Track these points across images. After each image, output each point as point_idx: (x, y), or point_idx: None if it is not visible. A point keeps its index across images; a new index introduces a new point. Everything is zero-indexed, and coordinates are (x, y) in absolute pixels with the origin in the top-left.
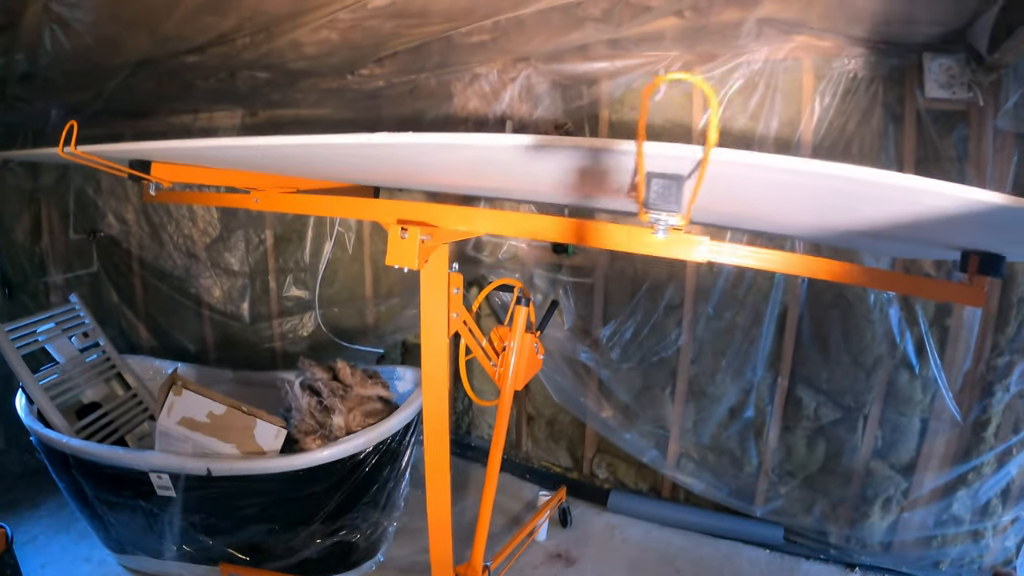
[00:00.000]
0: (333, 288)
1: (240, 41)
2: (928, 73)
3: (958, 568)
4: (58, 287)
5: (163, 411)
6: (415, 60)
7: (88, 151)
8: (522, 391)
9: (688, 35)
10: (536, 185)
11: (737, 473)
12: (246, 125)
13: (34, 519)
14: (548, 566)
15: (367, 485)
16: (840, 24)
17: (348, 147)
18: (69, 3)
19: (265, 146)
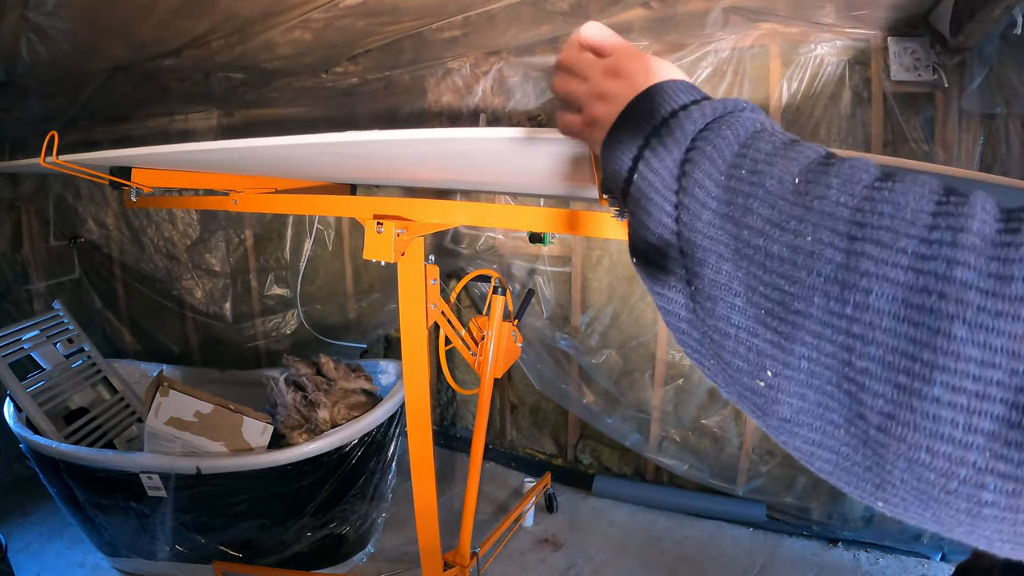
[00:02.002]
0: (314, 285)
1: (215, 43)
2: (893, 56)
3: (938, 540)
4: (41, 294)
5: (151, 412)
6: (388, 57)
7: (69, 160)
8: (504, 380)
9: (655, 25)
10: (510, 177)
11: (718, 454)
12: (222, 126)
13: (26, 527)
14: (536, 551)
15: (354, 477)
16: (806, 10)
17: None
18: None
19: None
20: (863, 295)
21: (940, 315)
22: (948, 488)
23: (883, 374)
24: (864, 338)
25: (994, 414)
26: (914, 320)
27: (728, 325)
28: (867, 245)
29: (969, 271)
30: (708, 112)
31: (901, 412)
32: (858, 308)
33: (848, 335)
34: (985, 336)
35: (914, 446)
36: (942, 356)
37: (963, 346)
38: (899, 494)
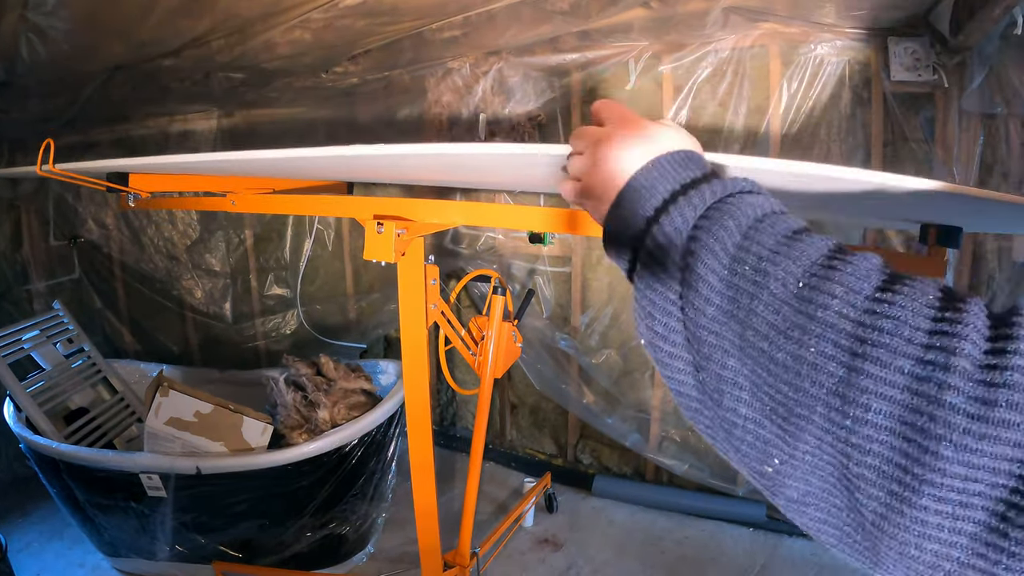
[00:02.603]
0: (314, 285)
1: (215, 43)
2: (893, 57)
3: None
4: (41, 294)
5: (151, 412)
6: (388, 57)
7: (66, 168)
8: (504, 380)
9: (656, 25)
10: (511, 178)
11: (718, 454)
12: (222, 126)
13: (26, 527)
14: (536, 551)
15: (354, 477)
16: (806, 10)
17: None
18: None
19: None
20: (862, 411)
21: (929, 435)
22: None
23: (878, 481)
24: (861, 448)
25: (976, 519)
26: (907, 436)
27: (735, 416)
28: (867, 363)
29: (958, 395)
30: (708, 197)
31: (892, 515)
32: (857, 422)
33: (847, 444)
34: (969, 456)
35: (904, 543)
36: (930, 472)
37: (949, 464)
38: (893, 573)
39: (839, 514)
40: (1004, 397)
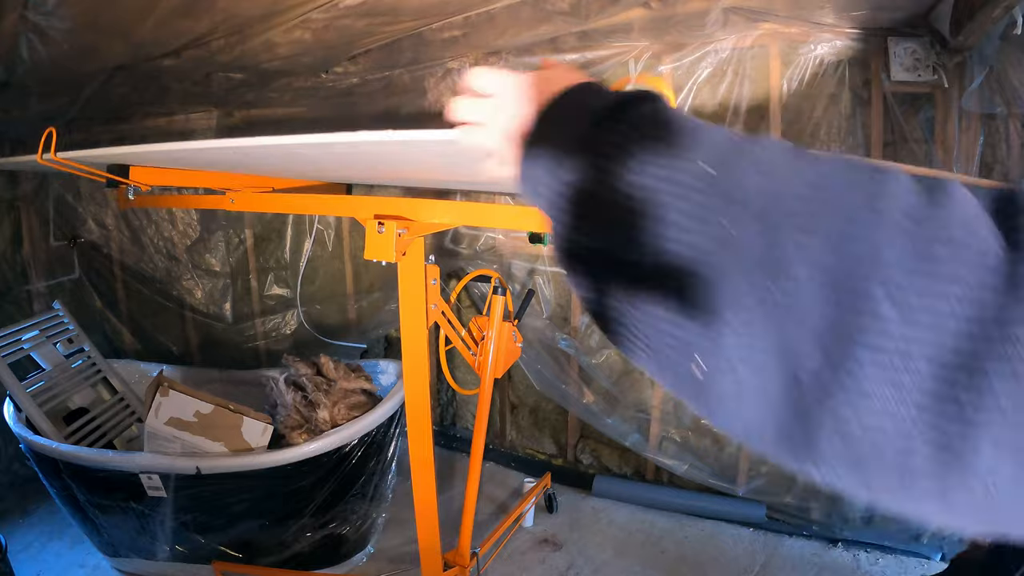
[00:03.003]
0: (315, 286)
1: (214, 43)
2: (893, 57)
3: (939, 540)
4: (41, 294)
5: (150, 412)
6: (388, 57)
7: (67, 157)
8: (504, 380)
9: (656, 25)
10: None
11: (718, 454)
12: (222, 126)
13: (26, 527)
14: (536, 551)
15: (354, 477)
16: (806, 10)
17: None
18: (45, 12)
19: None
20: (789, 268)
21: (865, 295)
22: (879, 452)
23: (814, 352)
24: (797, 320)
25: (919, 371)
26: (841, 301)
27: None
28: (792, 232)
29: (893, 251)
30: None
31: (833, 387)
32: (791, 279)
33: (778, 310)
34: (909, 312)
35: (844, 419)
36: (870, 334)
37: (889, 324)
38: (834, 465)
39: (776, 405)
40: (940, 247)
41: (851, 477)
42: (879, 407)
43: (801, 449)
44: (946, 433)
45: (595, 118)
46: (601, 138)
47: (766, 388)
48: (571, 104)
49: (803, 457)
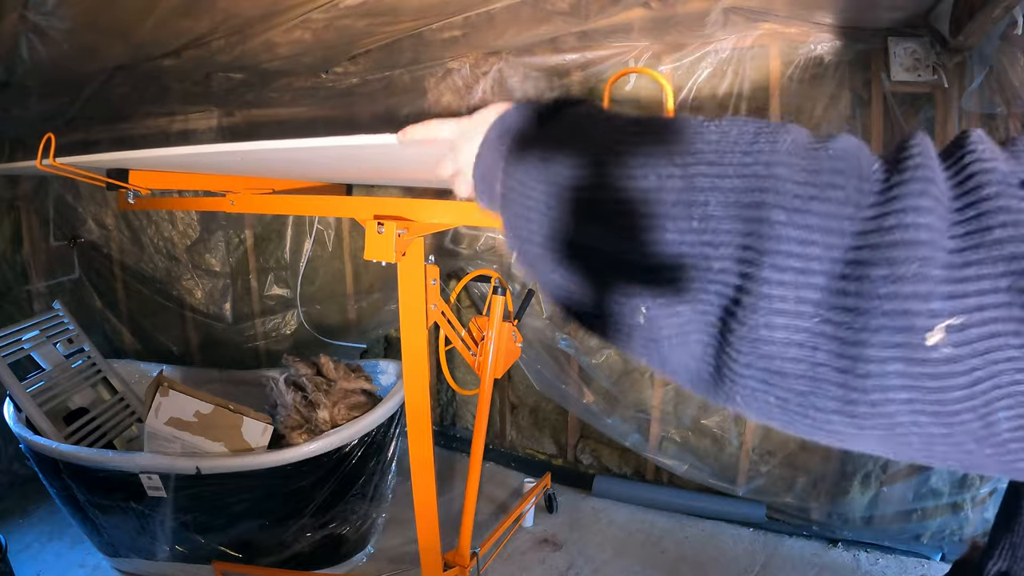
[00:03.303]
0: (315, 286)
1: (215, 44)
2: (893, 57)
3: (939, 540)
4: (41, 294)
5: (151, 412)
6: (388, 57)
7: (66, 163)
8: (504, 380)
9: (656, 25)
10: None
11: (718, 454)
12: (222, 126)
13: (26, 527)
14: (536, 551)
15: (354, 477)
16: (806, 10)
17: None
18: (45, 12)
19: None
20: (703, 208)
21: (764, 205)
22: (785, 357)
23: (729, 266)
24: (711, 247)
25: (817, 285)
26: (746, 219)
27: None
28: (701, 168)
29: (783, 167)
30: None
31: (744, 298)
32: (703, 219)
33: (698, 245)
34: (802, 217)
35: (754, 326)
36: (768, 241)
37: (783, 229)
38: (748, 382)
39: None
40: (828, 164)
41: (767, 395)
42: (788, 323)
43: (718, 388)
44: (844, 341)
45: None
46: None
47: (700, 320)
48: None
49: (725, 381)
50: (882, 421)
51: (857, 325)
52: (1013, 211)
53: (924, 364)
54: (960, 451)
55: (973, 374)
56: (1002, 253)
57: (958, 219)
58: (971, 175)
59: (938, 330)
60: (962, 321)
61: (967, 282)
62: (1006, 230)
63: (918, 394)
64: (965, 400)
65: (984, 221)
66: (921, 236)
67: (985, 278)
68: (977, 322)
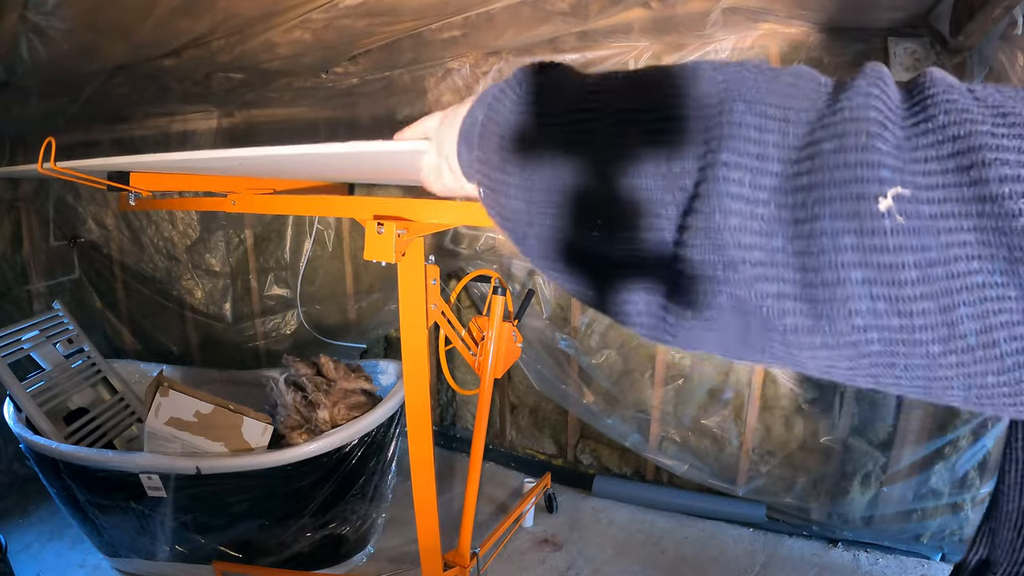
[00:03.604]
0: (315, 286)
1: (215, 44)
2: (894, 57)
3: (939, 540)
4: (41, 294)
5: (150, 412)
6: (388, 57)
7: (68, 167)
8: (504, 381)
9: (656, 25)
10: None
11: (718, 454)
12: (223, 126)
13: (26, 527)
14: (536, 551)
15: (354, 477)
16: (806, 10)
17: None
18: (45, 12)
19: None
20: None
21: (727, 100)
22: (740, 244)
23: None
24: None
25: (773, 172)
26: (706, 115)
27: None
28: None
29: (743, 71)
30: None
31: (701, 187)
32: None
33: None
34: (760, 106)
35: (708, 214)
36: (728, 127)
37: (743, 116)
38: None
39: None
40: (787, 70)
41: (719, 295)
42: (743, 208)
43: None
44: (798, 221)
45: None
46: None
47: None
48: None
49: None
50: (840, 308)
51: (810, 200)
52: (958, 103)
53: (875, 235)
54: (923, 355)
55: (928, 253)
56: (947, 134)
57: (907, 115)
58: (921, 83)
59: (888, 197)
60: (911, 193)
61: (916, 162)
62: (949, 115)
63: (872, 271)
64: (920, 283)
65: (930, 111)
66: (870, 114)
67: (933, 159)
68: (927, 198)
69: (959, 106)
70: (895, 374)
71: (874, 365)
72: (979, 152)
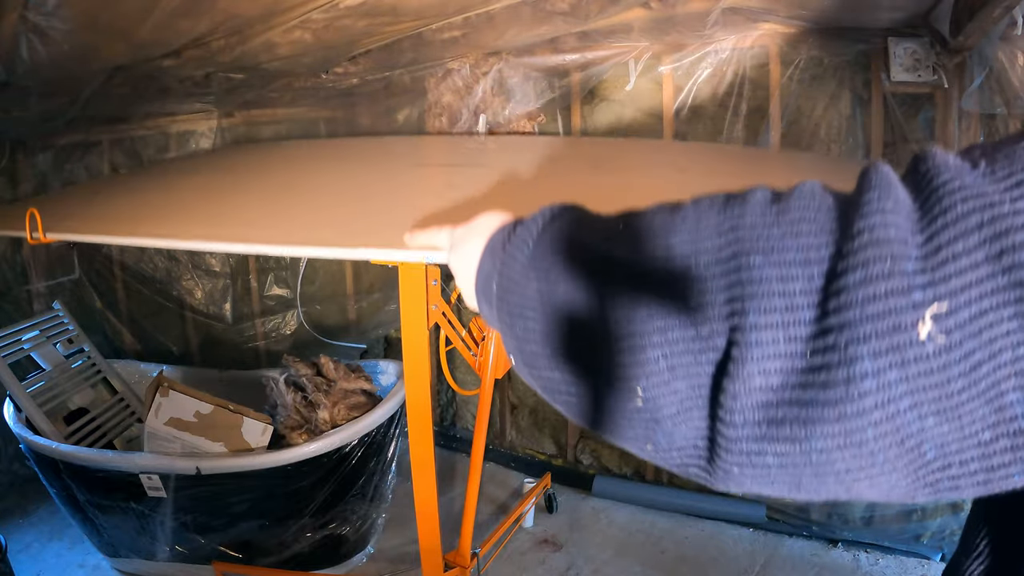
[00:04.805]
0: (315, 286)
1: (215, 44)
2: (894, 57)
3: (939, 540)
4: (41, 295)
5: (151, 412)
6: (388, 57)
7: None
8: (504, 381)
9: (656, 25)
10: None
11: None
12: (222, 127)
13: (26, 527)
14: (536, 551)
15: (354, 477)
16: (806, 11)
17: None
18: (45, 12)
19: (233, 250)
20: (685, 272)
21: (741, 253)
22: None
23: (720, 328)
24: (699, 309)
25: (804, 319)
26: (724, 273)
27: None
28: (677, 238)
29: (754, 216)
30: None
31: (735, 350)
32: (687, 289)
33: (686, 318)
34: (778, 255)
35: (747, 376)
36: (749, 286)
37: (763, 271)
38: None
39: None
40: (796, 204)
41: (765, 456)
42: (781, 366)
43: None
44: (838, 365)
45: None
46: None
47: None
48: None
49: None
50: (891, 439)
51: (846, 340)
52: (971, 188)
53: (919, 361)
54: (975, 446)
55: (972, 358)
56: (969, 225)
57: (922, 215)
58: (926, 174)
59: (927, 320)
60: (948, 305)
61: (944, 265)
62: (967, 204)
63: (920, 395)
64: (968, 388)
65: (945, 203)
66: (890, 233)
67: (960, 255)
68: (964, 302)
69: (974, 191)
70: (951, 475)
71: (930, 472)
72: (1007, 236)
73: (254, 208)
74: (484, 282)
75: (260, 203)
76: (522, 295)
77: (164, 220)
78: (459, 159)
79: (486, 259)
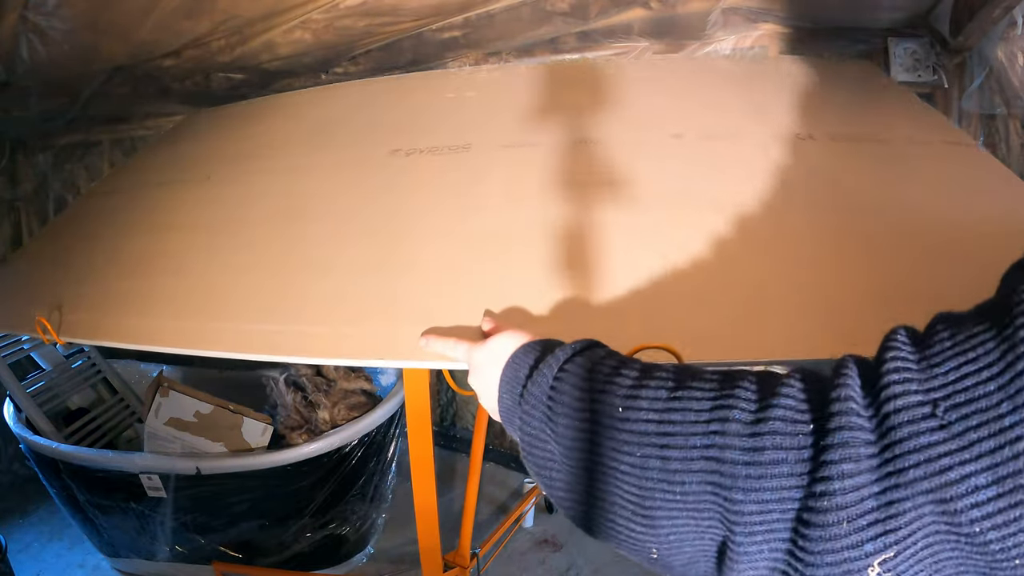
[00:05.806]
0: None
1: (215, 44)
2: (894, 57)
3: None
4: None
5: (150, 412)
6: (388, 57)
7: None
8: None
9: (656, 26)
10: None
11: None
12: None
13: (26, 527)
14: (536, 551)
15: (354, 478)
16: (806, 10)
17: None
18: (45, 12)
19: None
20: (681, 484)
21: (725, 487)
22: None
23: (712, 527)
24: (696, 512)
25: (784, 538)
26: (715, 492)
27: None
28: (672, 451)
29: (734, 452)
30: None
31: (728, 553)
32: (684, 494)
33: (686, 512)
34: (756, 495)
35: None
36: (733, 515)
37: (744, 505)
38: None
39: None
40: (768, 442)
41: None
42: (755, 563)
43: None
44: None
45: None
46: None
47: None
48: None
49: None
50: None
51: (806, 559)
52: (924, 448)
53: None
54: None
55: None
56: (919, 489)
57: (879, 463)
58: (887, 417)
59: (875, 567)
60: (895, 552)
61: (894, 518)
62: (919, 469)
63: None
64: None
65: (900, 463)
66: (848, 499)
67: (908, 511)
68: (910, 545)
69: (928, 454)
70: None
71: None
72: (950, 489)
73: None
74: (506, 415)
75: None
76: (543, 450)
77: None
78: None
79: (504, 395)
